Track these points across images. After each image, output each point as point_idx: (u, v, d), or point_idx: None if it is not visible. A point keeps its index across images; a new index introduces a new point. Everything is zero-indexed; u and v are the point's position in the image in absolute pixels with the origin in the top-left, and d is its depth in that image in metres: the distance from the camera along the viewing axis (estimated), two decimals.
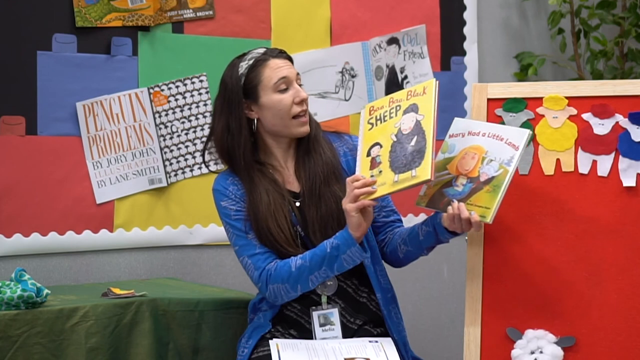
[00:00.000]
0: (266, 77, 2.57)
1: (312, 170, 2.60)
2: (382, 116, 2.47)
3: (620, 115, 2.37)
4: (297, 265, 2.50)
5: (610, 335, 2.31)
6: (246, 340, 2.61)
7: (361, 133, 2.50)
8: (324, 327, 2.57)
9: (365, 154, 2.45)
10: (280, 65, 2.58)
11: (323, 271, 2.49)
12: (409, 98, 2.44)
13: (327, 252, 2.48)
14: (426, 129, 2.36)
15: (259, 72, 2.57)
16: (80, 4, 3.14)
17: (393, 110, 2.45)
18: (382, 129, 2.45)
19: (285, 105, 2.56)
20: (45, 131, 3.10)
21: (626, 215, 2.34)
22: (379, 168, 2.41)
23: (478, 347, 2.38)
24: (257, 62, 2.58)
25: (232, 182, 2.61)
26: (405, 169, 2.36)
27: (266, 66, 2.57)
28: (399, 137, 2.40)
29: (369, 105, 2.52)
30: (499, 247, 2.40)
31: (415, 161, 2.36)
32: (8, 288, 2.45)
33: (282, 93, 2.56)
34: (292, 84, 2.58)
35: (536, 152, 2.42)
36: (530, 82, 2.93)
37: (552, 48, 4.10)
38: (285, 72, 2.57)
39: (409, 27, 3.77)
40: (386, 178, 2.39)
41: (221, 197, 2.61)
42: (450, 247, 3.84)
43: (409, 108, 2.42)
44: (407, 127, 2.41)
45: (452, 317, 3.85)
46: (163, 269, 3.33)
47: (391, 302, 2.63)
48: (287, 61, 2.61)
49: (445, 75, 3.86)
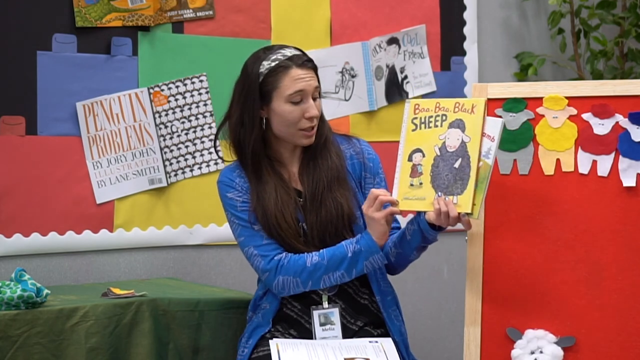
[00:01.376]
0: (283, 86, 2.54)
1: (317, 175, 2.60)
2: (427, 120, 2.43)
3: (620, 115, 2.37)
4: (312, 261, 2.51)
5: (610, 335, 2.31)
6: (246, 339, 2.61)
7: (404, 130, 2.45)
8: (324, 327, 2.57)
9: (407, 158, 2.43)
10: (301, 77, 2.54)
11: (340, 274, 2.51)
12: (456, 110, 2.39)
13: (347, 256, 2.49)
14: (472, 155, 2.34)
15: (278, 78, 2.55)
16: (80, 4, 3.13)
17: (439, 118, 2.42)
18: (426, 136, 2.42)
19: (294, 117, 2.55)
20: (45, 131, 3.10)
21: (626, 215, 2.34)
22: (420, 179, 2.40)
23: (478, 347, 2.38)
24: (279, 68, 2.55)
25: (238, 175, 2.62)
26: (447, 192, 2.36)
27: (287, 74, 2.54)
28: (442, 153, 2.38)
29: (415, 102, 2.46)
30: (499, 247, 2.40)
31: (457, 187, 2.35)
32: (8, 288, 2.45)
33: (295, 105, 2.55)
34: (307, 97, 2.55)
35: (536, 152, 2.42)
36: (530, 82, 2.93)
37: (552, 48, 4.10)
38: (302, 85, 2.54)
39: (409, 27, 3.77)
40: (426, 193, 2.38)
41: (227, 188, 2.61)
42: (450, 247, 3.85)
43: (455, 122, 2.38)
44: (452, 145, 2.37)
45: (452, 317, 3.85)
46: (163, 269, 3.33)
47: (391, 305, 2.63)
48: (309, 72, 2.57)
49: (445, 75, 3.86)
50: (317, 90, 2.59)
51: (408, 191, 2.41)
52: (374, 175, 2.67)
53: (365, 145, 2.70)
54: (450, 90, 3.85)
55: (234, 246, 3.37)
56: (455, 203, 2.34)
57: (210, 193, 3.35)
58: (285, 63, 2.55)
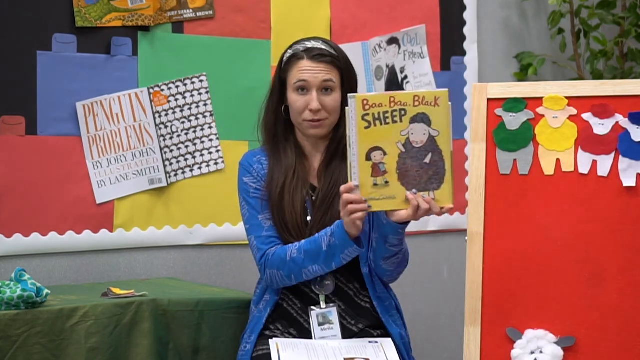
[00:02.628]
0: (291, 76, 2.62)
1: (335, 176, 2.61)
2: (381, 116, 2.37)
3: (620, 115, 2.37)
4: (292, 255, 2.53)
5: (610, 335, 2.31)
6: (248, 335, 2.63)
7: (354, 128, 2.36)
8: (322, 327, 2.57)
9: (364, 157, 2.37)
10: (308, 69, 2.59)
11: (319, 267, 2.52)
12: (416, 104, 2.36)
13: (323, 250, 2.49)
14: (444, 149, 2.34)
15: (289, 68, 2.63)
16: (80, 4, 3.13)
17: (396, 113, 2.36)
18: (383, 132, 2.36)
19: (299, 107, 2.60)
20: (45, 131, 3.10)
21: (626, 215, 2.34)
22: (385, 178, 2.36)
23: (478, 347, 2.38)
24: (292, 58, 2.63)
25: (258, 161, 2.66)
26: (421, 189, 2.34)
27: (296, 65, 2.61)
28: (408, 149, 2.35)
29: (362, 97, 2.37)
30: (499, 247, 2.40)
31: (432, 183, 2.34)
32: (8, 288, 2.45)
33: (300, 95, 2.60)
34: (311, 89, 2.59)
35: (536, 152, 2.42)
36: (530, 82, 2.93)
37: (552, 48, 4.10)
38: (306, 76, 2.59)
39: (409, 27, 3.77)
40: (395, 192, 2.36)
41: (244, 172, 2.66)
42: (450, 247, 3.85)
43: (418, 117, 2.35)
44: (418, 140, 2.36)
45: (452, 317, 3.85)
46: (163, 269, 3.33)
47: (389, 310, 2.63)
48: (320, 65, 2.59)
49: (445, 75, 3.85)
50: (329, 83, 2.59)
51: (373, 191, 2.36)
52: None
53: None
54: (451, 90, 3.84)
55: (234, 246, 3.39)
56: (433, 198, 2.33)
57: (210, 193, 3.36)
58: (300, 54, 2.62)
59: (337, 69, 2.62)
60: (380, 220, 2.48)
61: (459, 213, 3.86)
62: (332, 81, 2.60)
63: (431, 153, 2.35)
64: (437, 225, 3.83)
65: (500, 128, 2.44)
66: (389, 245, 2.52)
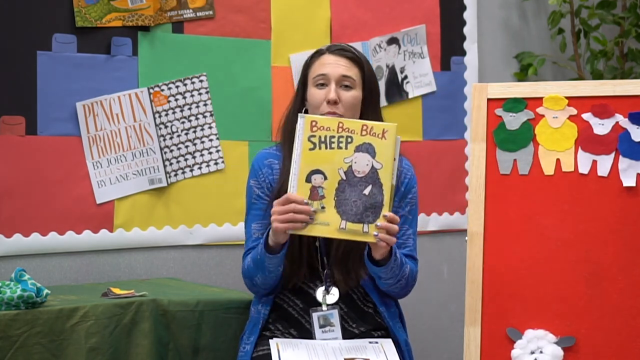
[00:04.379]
0: (312, 70, 2.62)
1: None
2: (327, 140, 2.36)
3: (620, 115, 2.37)
4: (247, 265, 2.57)
5: (610, 335, 2.31)
6: (247, 336, 2.63)
7: (299, 148, 2.36)
8: (323, 329, 2.57)
9: (304, 178, 2.35)
10: (329, 62, 2.60)
11: (263, 276, 2.53)
12: (363, 134, 2.34)
13: (257, 259, 2.51)
14: (384, 183, 2.32)
15: (312, 63, 2.64)
16: (80, 4, 3.13)
17: (342, 139, 2.35)
18: (326, 157, 2.35)
19: (316, 100, 2.58)
20: (45, 131, 3.10)
21: (626, 215, 2.34)
22: (322, 202, 2.34)
23: (478, 347, 2.38)
24: (315, 55, 2.65)
25: (268, 165, 2.65)
26: (356, 220, 2.32)
27: (318, 59, 2.63)
28: (349, 177, 2.34)
29: (311, 118, 2.37)
30: (499, 247, 2.40)
31: (368, 215, 2.32)
32: (8, 288, 2.45)
33: (318, 88, 2.59)
34: (329, 82, 2.58)
35: (536, 152, 2.42)
36: (530, 82, 2.93)
37: (552, 48, 4.10)
38: (327, 69, 2.58)
39: (409, 27, 3.77)
40: (330, 219, 2.33)
41: (253, 174, 2.66)
42: (450, 247, 3.85)
43: (363, 146, 2.34)
44: (360, 170, 2.33)
45: (452, 317, 3.85)
46: (163, 269, 3.33)
47: (394, 317, 2.63)
48: (340, 59, 2.60)
49: (445, 75, 3.86)
50: (348, 79, 2.58)
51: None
52: (401, 197, 2.64)
53: (406, 167, 2.67)
54: (450, 90, 3.85)
55: (234, 246, 3.39)
56: (366, 232, 2.31)
57: (210, 193, 3.36)
58: (322, 50, 2.64)
59: (358, 67, 2.60)
60: (366, 263, 2.49)
61: (459, 213, 3.86)
62: (351, 78, 2.58)
63: (371, 185, 2.32)
64: (437, 225, 3.83)
65: (500, 128, 2.44)
66: (385, 280, 2.53)
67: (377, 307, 2.62)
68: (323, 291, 2.58)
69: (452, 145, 3.86)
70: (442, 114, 3.83)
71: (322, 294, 2.58)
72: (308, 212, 2.33)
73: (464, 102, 3.89)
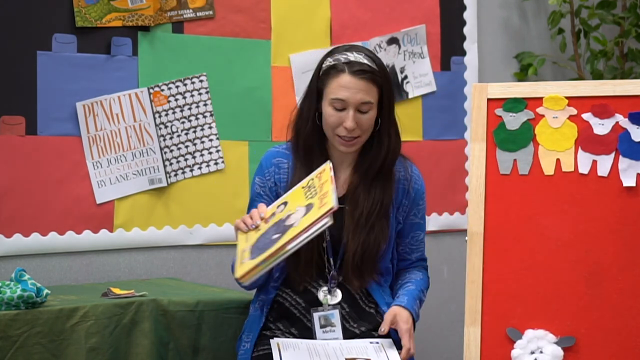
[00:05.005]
0: (330, 89, 2.55)
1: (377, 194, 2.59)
2: (313, 190, 2.42)
3: (620, 115, 2.37)
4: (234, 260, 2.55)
5: (610, 335, 2.31)
6: (247, 335, 2.63)
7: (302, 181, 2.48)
8: (324, 329, 2.57)
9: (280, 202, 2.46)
10: (348, 86, 2.52)
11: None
12: (319, 196, 2.37)
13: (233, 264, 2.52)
14: (282, 239, 2.31)
15: (328, 79, 2.55)
16: (80, 4, 3.13)
17: (314, 192, 2.41)
18: (296, 200, 2.42)
19: (333, 122, 2.55)
20: (45, 131, 3.10)
21: (626, 215, 2.34)
22: (260, 227, 2.42)
23: (478, 347, 2.38)
24: (332, 70, 2.55)
25: (276, 164, 2.65)
26: (252, 254, 2.36)
27: (336, 78, 2.54)
28: (281, 221, 2.38)
29: (329, 173, 2.41)
30: (499, 247, 2.40)
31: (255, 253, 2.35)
32: (8, 288, 2.45)
33: (335, 110, 2.54)
34: (348, 108, 2.53)
35: (536, 152, 2.42)
36: (530, 82, 2.93)
37: (552, 48, 4.10)
38: (346, 94, 2.52)
39: (409, 27, 3.77)
40: (251, 241, 2.40)
41: (259, 171, 2.67)
42: (450, 247, 3.85)
43: (309, 205, 2.37)
44: (291, 221, 2.36)
45: (452, 317, 3.85)
46: (163, 269, 3.33)
47: None
48: (362, 83, 2.52)
49: (445, 75, 3.86)
50: (367, 105, 2.54)
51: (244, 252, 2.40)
52: (413, 205, 2.66)
53: (416, 174, 2.68)
54: (450, 90, 3.85)
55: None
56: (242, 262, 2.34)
57: (210, 193, 3.36)
58: (341, 66, 2.54)
59: (377, 86, 2.55)
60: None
61: (459, 213, 3.86)
62: (370, 103, 2.54)
63: (280, 234, 2.34)
64: (437, 225, 3.83)
65: (500, 128, 2.44)
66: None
67: (380, 308, 2.62)
68: (325, 292, 2.58)
69: (452, 145, 3.86)
70: (442, 114, 3.83)
71: (324, 294, 2.58)
72: (249, 223, 2.43)
73: (464, 102, 3.89)
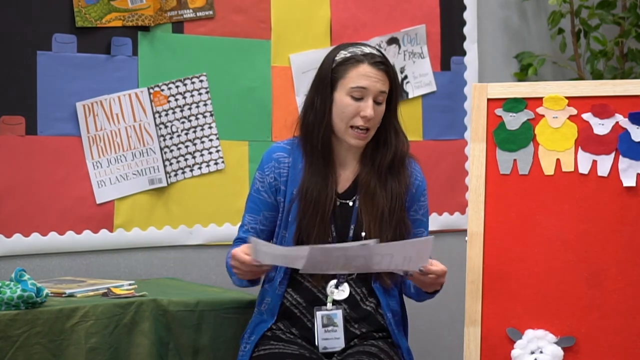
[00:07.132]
0: (348, 77, 2.55)
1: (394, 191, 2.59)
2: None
3: (620, 115, 2.38)
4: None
5: (610, 335, 2.31)
6: (249, 335, 2.63)
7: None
8: (326, 328, 2.57)
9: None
10: (369, 75, 2.54)
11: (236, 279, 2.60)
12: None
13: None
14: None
15: (347, 69, 2.55)
16: (80, 4, 3.13)
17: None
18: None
19: (349, 112, 2.54)
20: (45, 131, 3.10)
21: (626, 215, 2.34)
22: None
23: (478, 347, 2.38)
24: (351, 60, 2.56)
25: (277, 158, 2.65)
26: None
27: (356, 68, 2.55)
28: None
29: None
30: (499, 247, 2.40)
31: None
32: (8, 288, 2.45)
33: (353, 100, 2.54)
34: (368, 96, 2.53)
35: (536, 152, 2.42)
36: (530, 82, 2.93)
37: (552, 48, 4.10)
38: (367, 82, 2.53)
39: (409, 27, 3.77)
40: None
41: (260, 166, 2.67)
42: (450, 247, 3.85)
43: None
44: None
45: (452, 317, 3.85)
46: (163, 269, 3.33)
47: (399, 324, 2.63)
48: (380, 73, 2.54)
49: (445, 75, 3.85)
50: (383, 95, 2.55)
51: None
52: (414, 201, 2.65)
53: (416, 169, 2.68)
54: (450, 90, 3.85)
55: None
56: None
57: (210, 193, 3.36)
58: (359, 57, 2.56)
59: (390, 81, 2.57)
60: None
61: (459, 213, 3.86)
62: (385, 93, 2.56)
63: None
64: (437, 225, 3.83)
65: (500, 128, 2.45)
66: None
67: (383, 310, 2.61)
68: (333, 286, 2.58)
69: (452, 145, 3.86)
70: (442, 114, 3.83)
71: (332, 288, 2.58)
72: (253, 269, 2.46)
73: (464, 102, 3.89)
